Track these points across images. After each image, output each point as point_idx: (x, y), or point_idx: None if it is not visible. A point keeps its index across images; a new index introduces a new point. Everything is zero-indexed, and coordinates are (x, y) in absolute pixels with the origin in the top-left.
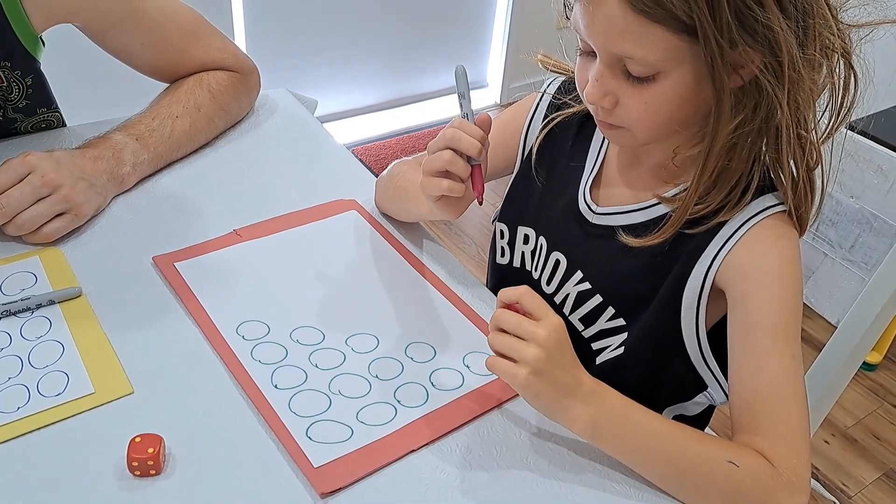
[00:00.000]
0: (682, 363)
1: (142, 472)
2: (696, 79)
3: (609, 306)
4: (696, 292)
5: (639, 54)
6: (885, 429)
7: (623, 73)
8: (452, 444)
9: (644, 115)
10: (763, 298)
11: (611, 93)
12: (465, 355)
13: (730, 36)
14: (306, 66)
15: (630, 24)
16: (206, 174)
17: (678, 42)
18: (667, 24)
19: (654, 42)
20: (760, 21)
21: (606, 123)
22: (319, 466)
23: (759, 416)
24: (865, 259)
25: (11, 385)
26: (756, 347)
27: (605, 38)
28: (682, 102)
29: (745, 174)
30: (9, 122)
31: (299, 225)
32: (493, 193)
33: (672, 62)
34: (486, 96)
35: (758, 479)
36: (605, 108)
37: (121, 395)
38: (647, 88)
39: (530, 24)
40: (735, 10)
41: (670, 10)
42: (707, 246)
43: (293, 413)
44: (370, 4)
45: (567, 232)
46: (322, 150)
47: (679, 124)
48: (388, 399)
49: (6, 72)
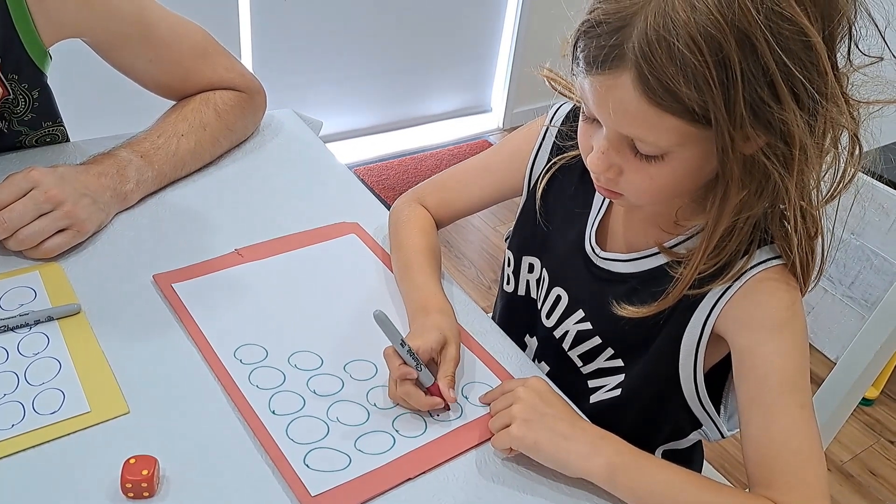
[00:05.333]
0: (678, 405)
1: (135, 495)
2: (705, 156)
3: (608, 347)
4: (695, 342)
5: (650, 139)
6: (881, 465)
7: (630, 148)
8: (450, 474)
9: (649, 188)
10: (766, 352)
11: (615, 165)
12: (464, 386)
13: (742, 127)
14: (312, 87)
15: (644, 112)
16: (210, 192)
17: (691, 129)
18: (681, 116)
19: (667, 130)
20: (776, 116)
21: (606, 189)
22: (317, 495)
23: (773, 469)
24: (865, 296)
25: (7, 402)
26: (764, 401)
27: (616, 121)
28: (688, 177)
29: (745, 242)
30: (14, 134)
31: (300, 247)
32: (505, 210)
33: (682, 146)
34: (490, 121)
35: None
36: (608, 177)
37: (116, 414)
38: (653, 166)
39: (535, 49)
40: (750, 105)
41: (684, 103)
42: (704, 297)
43: (291, 440)
44: (376, 27)
45: (571, 269)
46: (326, 172)
47: (682, 194)
48: (386, 428)
49: (13, 84)
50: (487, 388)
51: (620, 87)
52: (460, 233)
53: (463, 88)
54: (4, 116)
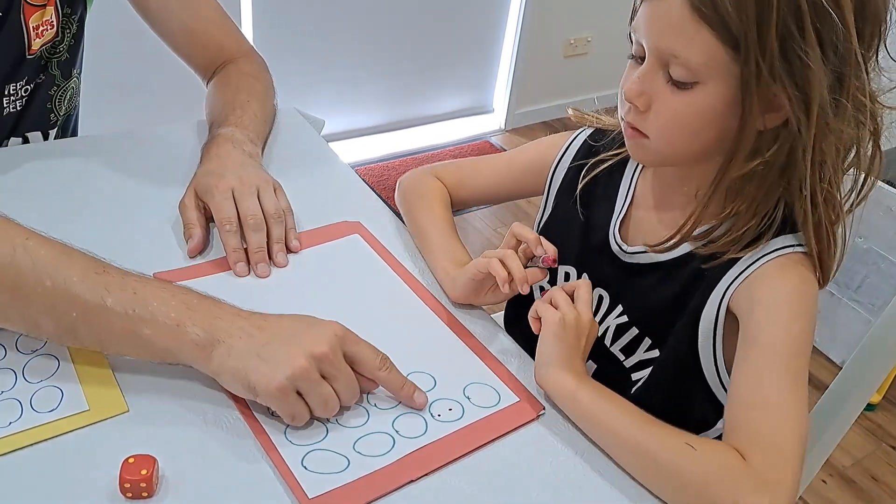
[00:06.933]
0: (702, 392)
1: (133, 495)
2: (728, 101)
3: (646, 337)
4: (712, 322)
5: (684, 54)
6: (883, 470)
7: (664, 76)
8: (452, 476)
9: (672, 123)
10: (769, 325)
11: (647, 93)
12: (466, 386)
13: (770, 62)
14: (313, 86)
15: (685, 21)
16: None
17: (722, 53)
18: (717, 31)
19: (700, 45)
20: (799, 56)
21: (632, 129)
22: (315, 497)
23: (747, 423)
24: (872, 300)
25: (4, 399)
26: (754, 362)
27: (658, 32)
28: (709, 120)
29: (766, 216)
30: (48, 82)
31: (304, 248)
32: (506, 212)
33: (711, 72)
34: (491, 121)
35: (712, 467)
36: (637, 110)
37: (115, 413)
38: (682, 95)
39: (538, 51)
40: (780, 36)
41: (723, 17)
42: (722, 278)
43: (289, 441)
44: (379, 27)
45: (604, 269)
46: (328, 170)
47: (699, 146)
48: (386, 429)
49: (65, 20)
50: (489, 389)
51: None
52: (462, 234)
53: (465, 89)
54: (44, 59)
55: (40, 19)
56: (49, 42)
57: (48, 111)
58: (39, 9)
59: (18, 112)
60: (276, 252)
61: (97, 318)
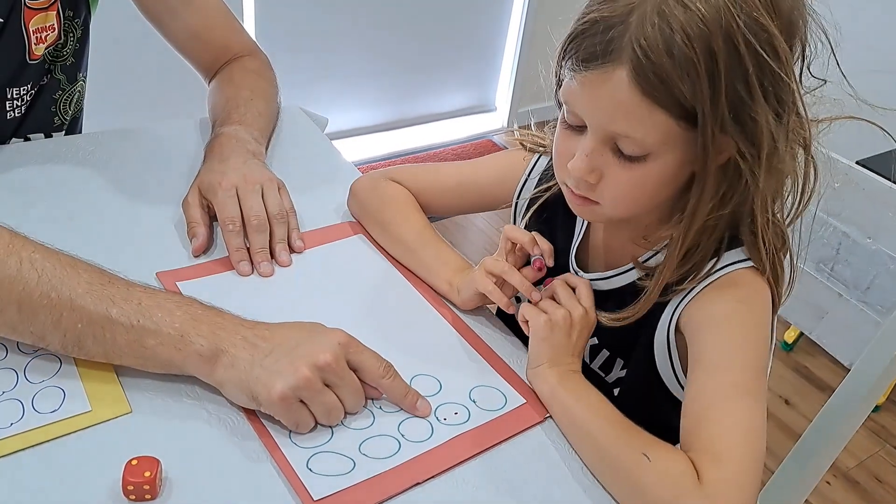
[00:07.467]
0: (669, 402)
1: (137, 497)
2: (682, 163)
3: (617, 357)
4: (664, 344)
5: (638, 135)
6: (887, 471)
7: (613, 150)
8: (458, 479)
9: (627, 193)
10: (713, 339)
11: (597, 169)
12: (472, 389)
13: (723, 125)
14: (316, 84)
15: (635, 106)
16: None
17: (676, 128)
18: (670, 110)
19: (654, 125)
20: (749, 114)
21: (581, 198)
22: (320, 499)
23: (697, 441)
24: (881, 301)
25: (6, 399)
26: (703, 382)
27: (606, 116)
28: (665, 183)
29: (712, 249)
30: (52, 86)
31: (306, 248)
32: (508, 213)
33: (665, 146)
34: (494, 120)
35: (664, 479)
36: (588, 183)
37: (118, 414)
38: (635, 168)
39: (541, 49)
40: (731, 101)
41: (675, 96)
42: (669, 301)
43: (294, 444)
44: (382, 25)
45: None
46: (332, 169)
47: (655, 204)
48: (391, 432)
49: (67, 23)
50: (495, 391)
51: (615, 80)
52: (463, 234)
53: (468, 87)
54: (48, 63)
55: (41, 23)
56: (51, 46)
57: (52, 115)
58: (40, 12)
59: (22, 116)
60: (278, 251)
61: (102, 329)
